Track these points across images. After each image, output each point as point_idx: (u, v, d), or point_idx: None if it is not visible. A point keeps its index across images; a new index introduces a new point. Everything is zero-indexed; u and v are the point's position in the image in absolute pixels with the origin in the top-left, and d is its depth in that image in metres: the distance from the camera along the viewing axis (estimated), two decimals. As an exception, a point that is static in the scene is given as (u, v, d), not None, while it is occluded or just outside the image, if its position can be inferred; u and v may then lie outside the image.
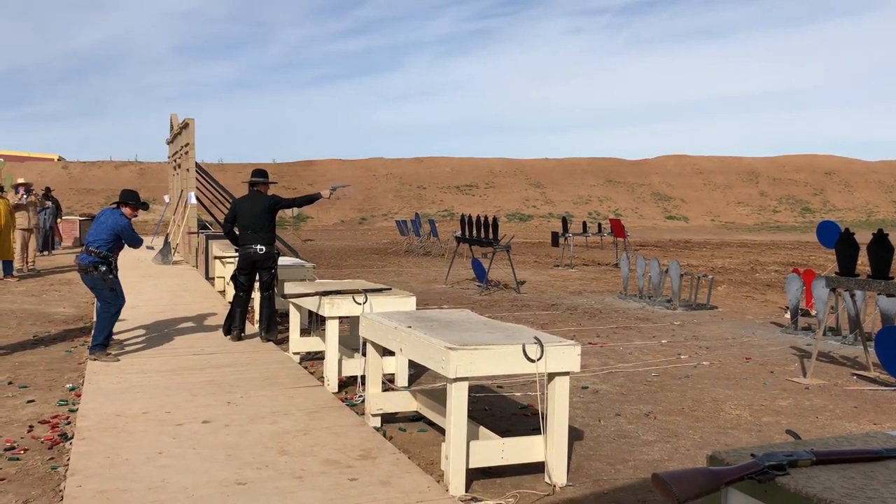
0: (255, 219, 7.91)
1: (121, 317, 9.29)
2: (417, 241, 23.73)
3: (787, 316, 10.17)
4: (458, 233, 15.34)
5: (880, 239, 6.81)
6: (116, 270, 7.33)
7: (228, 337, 8.11)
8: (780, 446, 2.08)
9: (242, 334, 8.14)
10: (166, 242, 17.74)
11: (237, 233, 8.02)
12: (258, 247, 7.90)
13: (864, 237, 7.11)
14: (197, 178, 17.39)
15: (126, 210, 7.34)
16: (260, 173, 8.21)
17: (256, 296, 8.60)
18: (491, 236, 13.63)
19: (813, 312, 10.12)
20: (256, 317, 8.71)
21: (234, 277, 8.24)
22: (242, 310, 8.18)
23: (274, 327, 8.12)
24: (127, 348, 7.61)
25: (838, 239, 7.40)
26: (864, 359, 7.46)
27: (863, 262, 7.40)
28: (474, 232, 14.27)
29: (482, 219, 14.19)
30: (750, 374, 7.18)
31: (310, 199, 8.28)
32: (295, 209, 33.63)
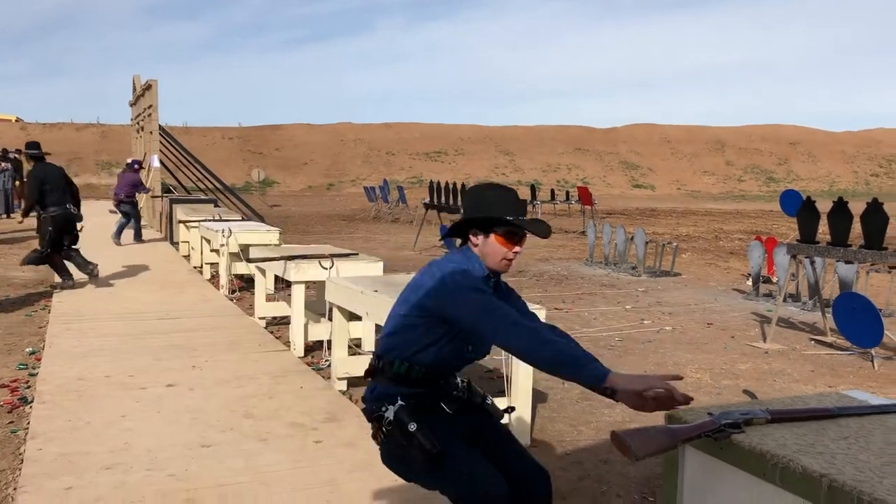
0: (60, 181, 8.75)
1: (83, 282, 9.18)
2: (386, 208, 23.64)
3: (749, 283, 10.34)
4: (427, 200, 15.30)
5: (840, 207, 6.93)
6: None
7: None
8: (736, 406, 2.12)
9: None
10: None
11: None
12: (69, 207, 8.77)
13: (825, 206, 7.23)
14: (161, 142, 17.10)
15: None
16: (36, 145, 8.99)
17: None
18: (459, 203, 13.62)
19: (774, 279, 10.30)
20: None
21: (54, 236, 8.71)
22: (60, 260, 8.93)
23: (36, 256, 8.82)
24: (89, 313, 7.51)
25: (800, 207, 7.52)
26: (822, 324, 7.63)
27: (823, 231, 7.53)
28: (443, 199, 14.25)
29: (451, 186, 14.16)
30: (711, 339, 7.32)
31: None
32: (262, 174, 33.28)
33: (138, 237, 14.12)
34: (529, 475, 2.47)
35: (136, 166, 14.48)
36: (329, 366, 5.58)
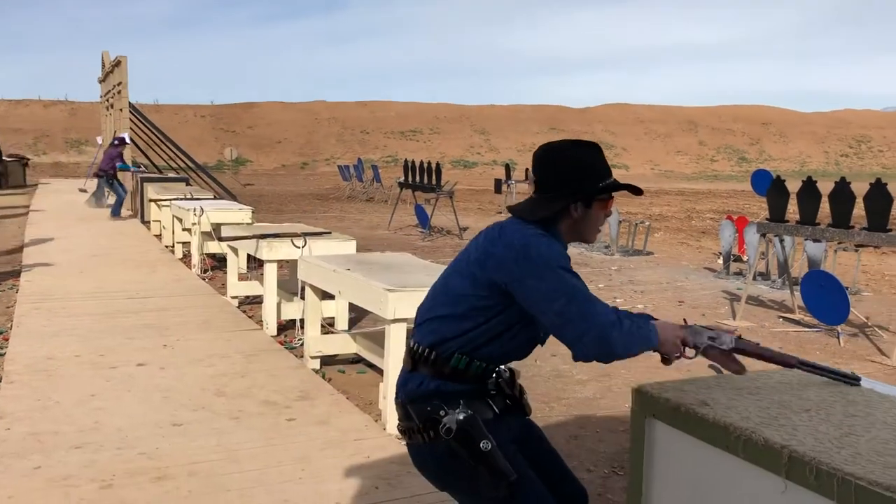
0: None
1: (53, 260, 9.07)
2: (360, 187, 23.53)
3: (720, 261, 10.46)
4: (402, 179, 15.25)
5: (808, 187, 7.01)
6: None
7: None
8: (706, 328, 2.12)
9: None
10: (99, 185, 17.20)
11: None
12: None
13: (796, 186, 7.31)
14: (131, 119, 16.83)
15: None
16: None
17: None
18: (434, 182, 13.60)
19: (744, 258, 10.43)
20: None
21: None
22: None
23: None
24: (59, 293, 7.42)
25: (769, 186, 7.60)
26: (791, 302, 7.75)
27: (793, 210, 7.63)
28: (417, 178, 14.21)
29: (426, 165, 14.13)
30: (682, 317, 7.39)
31: None
32: (235, 152, 32.96)
33: (114, 212, 14.09)
34: (575, 499, 2.20)
35: (115, 142, 14.62)
36: (302, 344, 5.57)
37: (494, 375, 2.09)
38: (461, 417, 1.96)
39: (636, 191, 2.08)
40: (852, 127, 53.49)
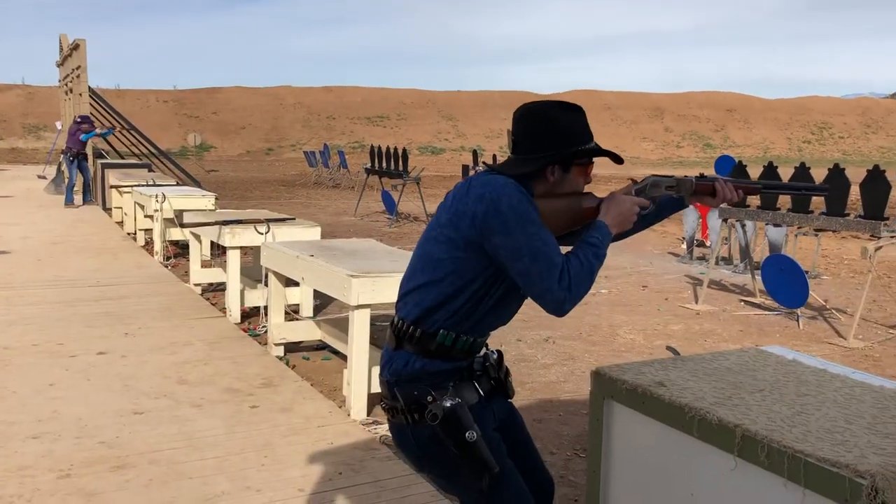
0: None
1: (10, 248, 8.90)
2: (326, 173, 23.36)
3: (684, 246, 10.58)
4: (369, 165, 15.17)
5: (769, 172, 7.11)
6: None
7: None
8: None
9: None
10: (59, 171, 16.87)
11: None
12: None
13: (758, 172, 7.41)
14: (91, 105, 16.51)
15: None
16: None
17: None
18: (401, 168, 13.55)
19: (708, 243, 10.56)
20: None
21: None
22: None
23: None
24: (16, 281, 7.27)
25: (731, 171, 7.69)
26: (752, 286, 7.87)
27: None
28: (384, 164, 14.14)
29: (392, 151, 14.06)
30: (645, 301, 7.48)
31: None
32: (198, 138, 32.50)
33: (67, 196, 13.85)
34: (544, 488, 2.18)
35: (78, 120, 14.51)
36: (266, 332, 5.53)
37: (482, 356, 2.07)
38: (448, 405, 1.91)
39: (617, 159, 2.04)
40: (814, 114, 54.33)
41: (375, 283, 4.08)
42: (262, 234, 6.01)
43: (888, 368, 5.45)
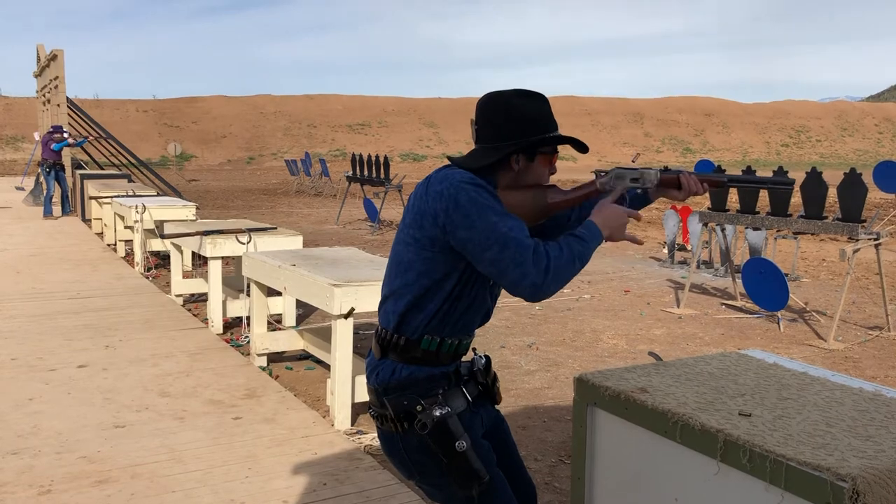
0: None
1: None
2: (308, 182, 23.31)
3: (665, 251, 10.65)
4: (350, 173, 15.15)
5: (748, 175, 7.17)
6: None
7: None
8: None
9: None
10: (37, 182, 16.71)
11: None
12: None
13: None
14: (69, 115, 16.38)
15: None
16: None
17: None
18: (383, 176, 13.54)
19: (688, 247, 10.63)
20: None
21: None
22: None
23: None
24: (-6, 294, 7.19)
25: (711, 176, 7.74)
26: (733, 289, 7.93)
27: (734, 199, 7.80)
28: (366, 171, 14.13)
29: (374, 158, 14.05)
30: (628, 306, 7.51)
31: None
32: (178, 148, 32.31)
33: (46, 207, 13.74)
34: (528, 494, 2.18)
35: (51, 130, 14.47)
36: (248, 342, 5.50)
37: (469, 361, 2.05)
38: (437, 414, 1.90)
39: (581, 147, 1.99)
40: (792, 118, 54.93)
41: (358, 291, 4.07)
42: (243, 243, 5.98)
43: (867, 370, 5.51)
